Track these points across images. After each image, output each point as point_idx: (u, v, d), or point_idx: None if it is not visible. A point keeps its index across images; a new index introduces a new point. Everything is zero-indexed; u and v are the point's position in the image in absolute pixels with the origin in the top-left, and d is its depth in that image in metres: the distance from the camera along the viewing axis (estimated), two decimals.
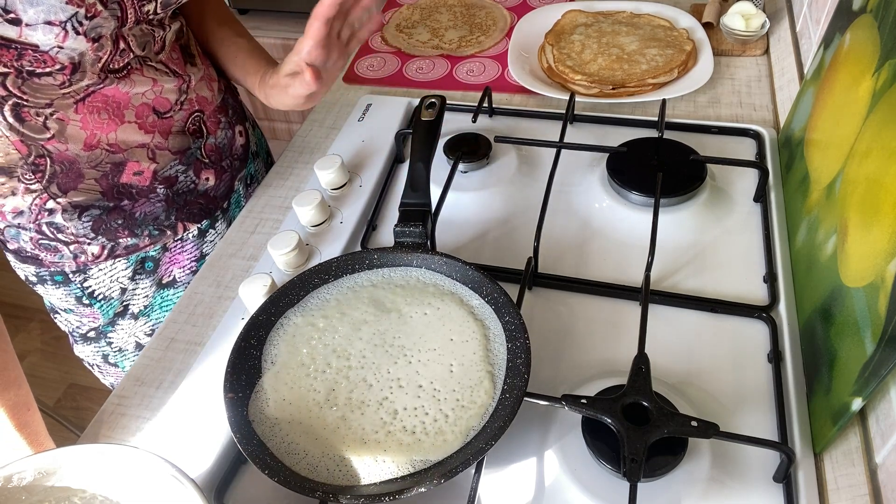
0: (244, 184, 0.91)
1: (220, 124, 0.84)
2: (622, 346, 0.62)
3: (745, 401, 0.58)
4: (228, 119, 0.86)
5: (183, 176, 0.79)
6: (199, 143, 0.80)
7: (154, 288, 0.84)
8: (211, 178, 0.83)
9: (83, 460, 0.49)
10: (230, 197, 0.88)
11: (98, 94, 0.68)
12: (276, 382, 0.56)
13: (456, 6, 1.15)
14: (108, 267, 0.79)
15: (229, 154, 0.86)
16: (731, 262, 0.68)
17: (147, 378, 0.66)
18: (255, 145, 0.96)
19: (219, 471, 0.56)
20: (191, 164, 0.80)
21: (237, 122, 0.88)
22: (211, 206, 0.85)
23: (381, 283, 0.63)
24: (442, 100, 0.72)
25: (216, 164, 0.84)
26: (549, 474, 0.54)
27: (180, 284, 0.86)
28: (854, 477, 0.51)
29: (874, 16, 0.57)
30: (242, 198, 0.91)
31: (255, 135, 0.97)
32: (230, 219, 0.89)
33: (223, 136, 0.84)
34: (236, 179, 0.88)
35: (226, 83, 0.89)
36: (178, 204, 0.80)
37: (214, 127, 0.82)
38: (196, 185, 0.81)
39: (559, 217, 0.75)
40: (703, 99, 0.90)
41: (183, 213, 0.81)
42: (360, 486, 0.50)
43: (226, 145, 0.85)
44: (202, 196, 0.83)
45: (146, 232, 0.79)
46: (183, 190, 0.80)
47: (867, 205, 0.51)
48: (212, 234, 0.87)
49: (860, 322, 0.48)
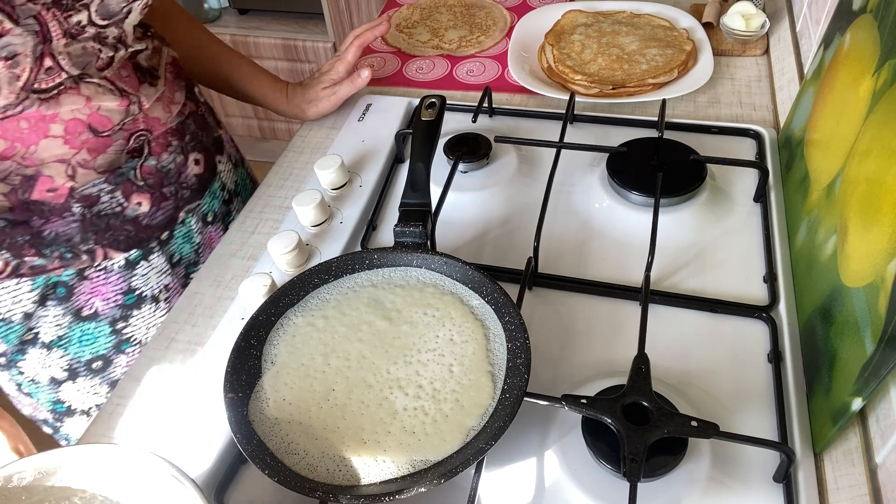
0: (199, 218, 0.83)
1: (170, 147, 0.76)
2: (622, 346, 0.62)
3: (745, 401, 0.58)
4: (182, 144, 0.78)
5: (107, 196, 0.72)
6: (134, 163, 0.73)
7: (69, 318, 0.76)
8: (144, 203, 0.75)
9: (83, 460, 0.49)
10: (172, 229, 0.80)
11: (14, 117, 0.62)
12: (276, 382, 0.56)
13: (456, 6, 1.15)
14: (11, 286, 0.72)
15: (175, 181, 0.78)
16: (731, 262, 0.68)
17: (147, 378, 0.66)
18: (235, 184, 0.91)
19: (219, 471, 0.56)
20: (119, 184, 0.72)
21: (195, 149, 0.81)
22: (142, 236, 0.76)
23: (381, 283, 0.63)
24: (442, 100, 0.72)
25: (154, 188, 0.75)
26: (549, 474, 0.54)
27: (103, 318, 0.78)
28: (854, 477, 0.51)
29: (874, 16, 0.57)
30: (195, 233, 0.83)
31: (236, 173, 0.92)
32: (171, 254, 0.81)
33: (169, 160, 0.76)
34: (182, 210, 0.80)
35: (201, 108, 0.84)
36: (98, 227, 0.72)
37: (160, 149, 0.75)
38: (123, 209, 0.73)
39: (559, 217, 0.75)
40: (703, 99, 0.90)
41: (104, 239, 0.73)
42: (359, 486, 0.50)
43: (171, 171, 0.77)
44: (131, 222, 0.75)
45: (56, 253, 0.71)
46: (106, 212, 0.72)
47: (867, 205, 0.51)
48: (143, 268, 0.78)
49: (860, 322, 0.48)
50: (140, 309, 0.80)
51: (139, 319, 0.80)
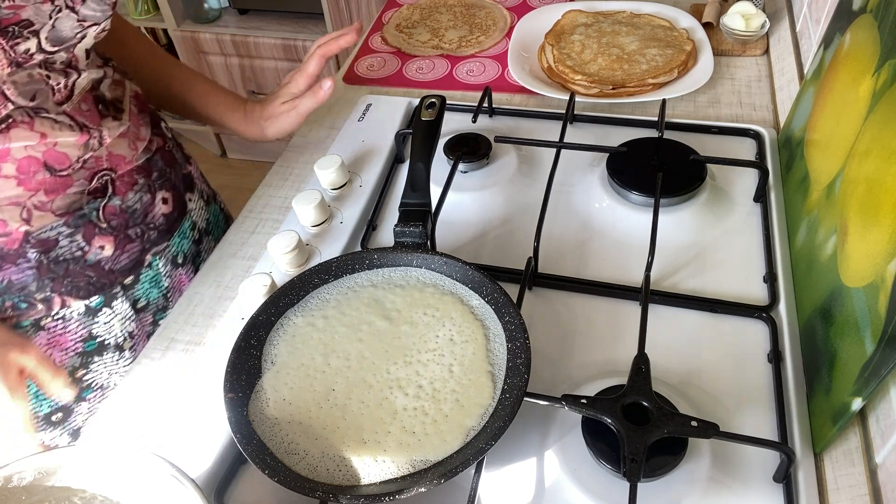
0: (167, 261, 0.78)
1: (136, 186, 0.71)
2: (622, 346, 0.62)
3: (745, 401, 0.58)
4: (149, 182, 0.73)
5: (66, 240, 0.66)
6: (97, 204, 0.68)
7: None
8: (108, 246, 0.69)
9: (83, 460, 0.49)
10: (137, 273, 0.74)
11: None
12: (276, 382, 0.56)
13: (456, 6, 1.15)
14: None
15: (141, 222, 0.73)
16: (731, 262, 0.68)
17: (147, 378, 0.66)
18: (206, 222, 0.86)
19: (219, 471, 0.56)
20: (80, 227, 0.67)
21: (163, 187, 0.76)
22: (105, 281, 0.71)
23: (381, 283, 0.63)
24: (442, 100, 0.72)
25: (118, 231, 0.70)
26: (549, 474, 0.54)
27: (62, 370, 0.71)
28: (854, 477, 0.51)
29: (874, 16, 0.57)
30: (163, 277, 0.78)
31: (208, 211, 0.87)
32: (136, 299, 0.75)
33: (135, 200, 0.71)
34: (149, 253, 0.75)
35: (169, 143, 0.79)
36: (56, 274, 0.67)
37: (126, 188, 0.70)
38: (84, 254, 0.68)
39: (559, 217, 0.75)
40: (703, 99, 0.90)
41: (62, 286, 0.68)
42: (360, 486, 0.50)
43: (137, 211, 0.72)
44: (92, 267, 0.69)
45: (9, 303, 0.66)
46: (65, 257, 0.67)
47: (867, 205, 0.51)
48: (106, 315, 0.73)
49: (860, 322, 0.48)
50: (102, 356, 0.75)
51: (101, 366, 0.75)
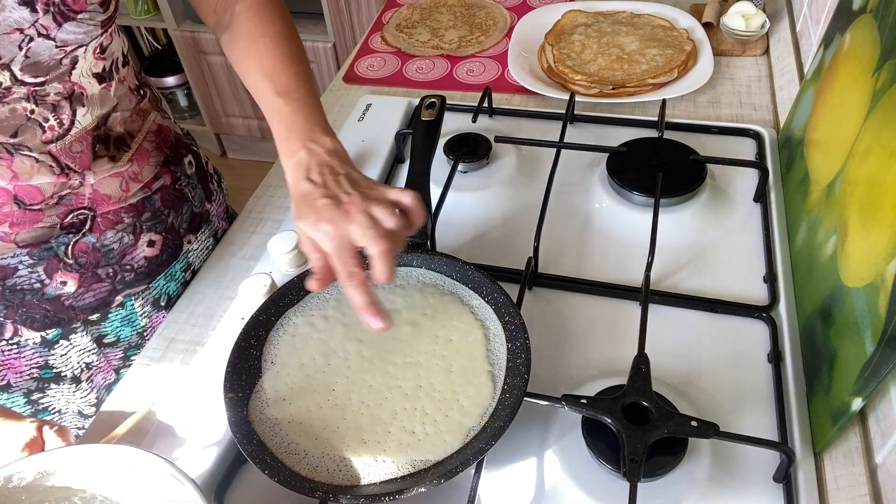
0: (147, 302, 0.73)
1: (118, 225, 0.67)
2: (622, 346, 0.62)
3: (745, 401, 0.58)
4: (137, 222, 0.68)
5: (26, 271, 0.63)
6: (67, 239, 0.64)
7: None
8: (71, 283, 0.66)
9: (83, 460, 0.49)
10: (105, 311, 0.71)
11: None
12: (276, 382, 0.56)
13: (456, 6, 1.15)
14: None
15: (116, 262, 0.68)
16: (731, 262, 0.68)
17: (147, 378, 0.66)
18: (203, 262, 0.78)
19: (219, 471, 0.56)
20: (43, 259, 0.64)
21: (153, 230, 0.70)
22: (63, 317, 0.67)
23: (381, 283, 0.63)
24: (442, 100, 0.72)
25: (86, 269, 0.66)
26: (549, 474, 0.54)
27: (16, 390, 0.70)
28: (854, 477, 0.51)
29: (874, 16, 0.57)
30: (140, 317, 0.73)
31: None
32: (99, 335, 0.72)
33: (113, 239, 0.67)
34: (121, 294, 0.70)
35: (182, 181, 0.73)
36: (11, 302, 0.64)
37: (107, 226, 0.66)
38: (44, 287, 0.64)
39: (559, 217, 0.75)
40: (703, 99, 0.90)
41: (16, 315, 0.65)
42: (360, 486, 0.50)
43: (113, 251, 0.67)
44: (51, 301, 0.66)
45: None
46: (21, 287, 0.64)
47: (867, 205, 0.51)
48: (63, 347, 0.69)
49: (860, 322, 0.48)
50: (59, 385, 0.72)
51: (58, 392, 0.73)
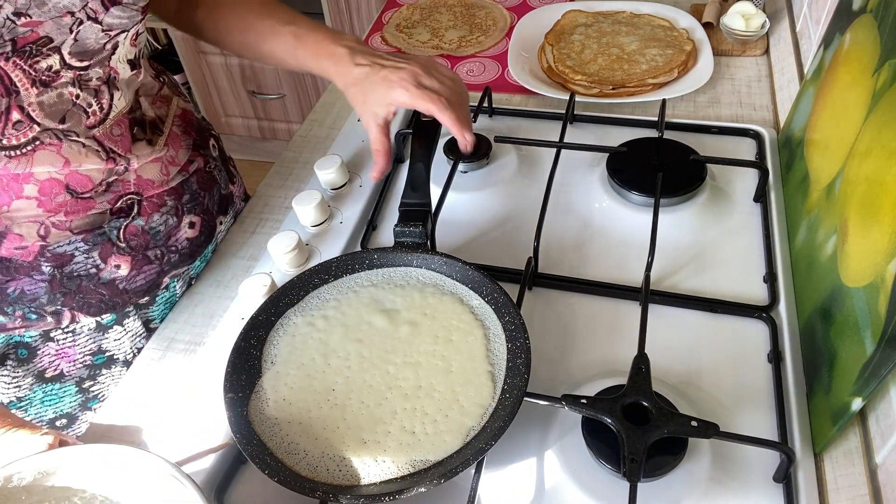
0: (185, 282, 0.75)
1: (163, 208, 0.68)
2: (622, 346, 0.62)
3: (745, 401, 0.58)
4: (178, 204, 0.70)
5: (82, 257, 0.64)
6: (119, 223, 0.65)
7: (31, 380, 0.69)
8: (124, 266, 0.67)
9: (83, 460, 0.49)
10: (153, 294, 0.72)
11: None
12: (276, 382, 0.56)
13: (456, 6, 1.15)
14: None
15: (163, 244, 0.69)
16: (731, 262, 0.68)
17: (147, 378, 0.66)
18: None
19: (219, 471, 0.56)
20: (97, 244, 0.65)
21: (192, 211, 0.72)
22: (117, 301, 0.68)
23: (381, 283, 0.63)
24: None
25: (137, 251, 0.67)
26: (549, 474, 0.54)
27: (69, 379, 0.71)
28: (854, 477, 0.51)
29: (874, 16, 0.57)
30: (178, 297, 0.75)
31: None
32: (147, 318, 0.73)
33: (159, 222, 0.68)
34: (167, 276, 0.72)
35: (211, 164, 0.75)
36: (68, 289, 0.65)
37: (153, 209, 0.68)
38: (99, 272, 0.66)
39: (559, 217, 0.75)
40: (703, 99, 0.90)
41: (74, 301, 0.66)
42: (360, 486, 0.50)
43: (160, 233, 0.69)
44: (106, 286, 0.67)
45: (19, 313, 0.64)
46: (78, 273, 0.65)
47: (867, 205, 0.51)
48: (117, 332, 0.71)
49: (860, 322, 0.48)
50: (110, 369, 0.73)
51: (108, 378, 0.74)
